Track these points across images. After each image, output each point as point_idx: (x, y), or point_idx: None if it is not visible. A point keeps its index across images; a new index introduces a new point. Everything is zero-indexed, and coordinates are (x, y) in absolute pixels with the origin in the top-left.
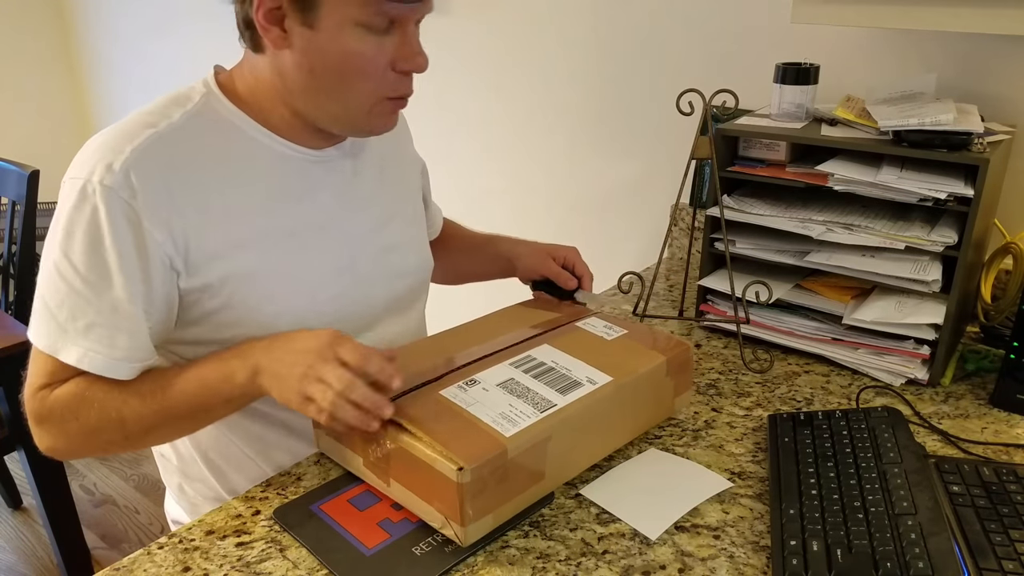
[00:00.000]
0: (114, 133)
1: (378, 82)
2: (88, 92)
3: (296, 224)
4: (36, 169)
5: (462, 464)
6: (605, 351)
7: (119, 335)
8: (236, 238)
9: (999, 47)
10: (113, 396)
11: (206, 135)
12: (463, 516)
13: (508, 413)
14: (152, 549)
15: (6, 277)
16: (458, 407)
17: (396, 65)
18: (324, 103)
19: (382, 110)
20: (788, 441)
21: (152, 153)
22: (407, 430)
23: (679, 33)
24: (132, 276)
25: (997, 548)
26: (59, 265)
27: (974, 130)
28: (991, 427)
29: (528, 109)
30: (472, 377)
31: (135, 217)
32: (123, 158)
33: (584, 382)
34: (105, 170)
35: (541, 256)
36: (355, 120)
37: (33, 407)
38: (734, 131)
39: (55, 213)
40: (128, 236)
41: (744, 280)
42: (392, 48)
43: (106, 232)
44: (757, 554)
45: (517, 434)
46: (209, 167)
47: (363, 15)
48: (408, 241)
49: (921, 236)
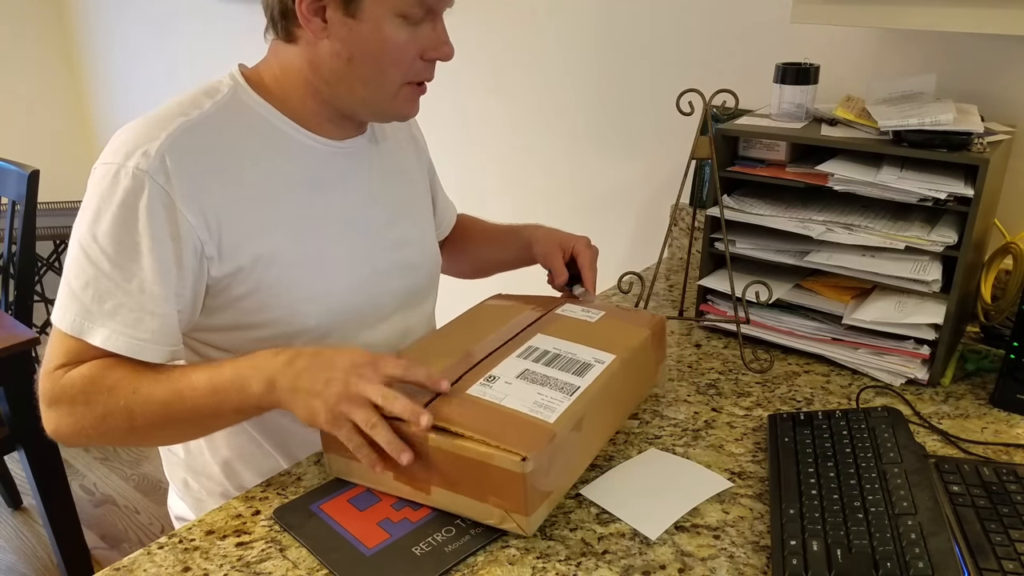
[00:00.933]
0: (147, 121)
1: (407, 69)
2: (88, 92)
3: (319, 213)
4: (36, 169)
5: (524, 454)
6: (594, 332)
7: (146, 317)
8: (266, 222)
9: (999, 47)
10: (125, 385)
11: (236, 124)
12: (528, 506)
13: (541, 401)
14: (152, 549)
15: (6, 277)
16: (492, 403)
17: (425, 54)
18: (357, 89)
19: (407, 96)
20: (788, 441)
21: (186, 139)
22: (453, 433)
23: (679, 33)
24: (164, 259)
25: (997, 548)
26: (87, 247)
27: (974, 130)
28: (991, 427)
29: (528, 109)
30: (489, 373)
31: (170, 201)
32: (158, 143)
33: (593, 363)
34: (141, 155)
35: (551, 245)
36: (382, 104)
37: (46, 387)
38: (734, 131)
39: (85, 199)
40: (162, 220)
41: (744, 280)
42: (423, 37)
43: (140, 215)
44: (757, 554)
45: (559, 419)
46: (239, 154)
47: (404, 5)
48: (420, 237)
49: (921, 236)
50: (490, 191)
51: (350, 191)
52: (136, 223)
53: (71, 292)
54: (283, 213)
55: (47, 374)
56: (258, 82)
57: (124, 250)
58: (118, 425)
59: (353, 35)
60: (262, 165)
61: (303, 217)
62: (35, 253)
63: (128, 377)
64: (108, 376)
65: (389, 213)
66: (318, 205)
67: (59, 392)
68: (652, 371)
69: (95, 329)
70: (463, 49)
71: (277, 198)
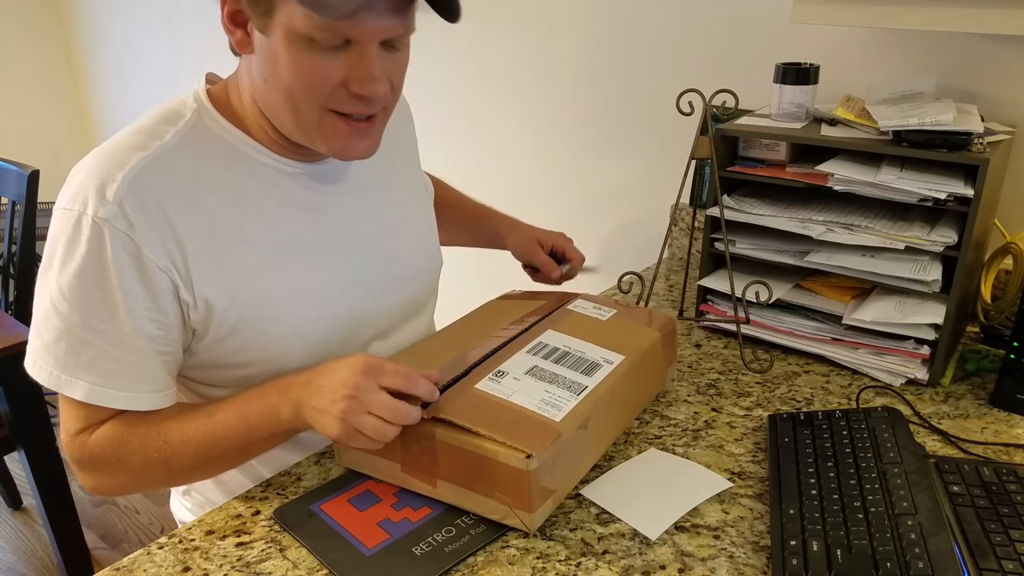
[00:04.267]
0: (104, 157)
1: (324, 97)
2: (88, 92)
3: (301, 241)
4: (36, 169)
5: (530, 452)
6: (605, 331)
7: (127, 367)
8: (238, 261)
9: (999, 47)
10: (152, 438)
11: (200, 155)
12: (532, 503)
13: (548, 399)
14: (152, 549)
15: (6, 277)
16: (499, 399)
17: (349, 86)
18: (278, 114)
19: (333, 128)
20: (788, 441)
21: (145, 179)
22: (460, 427)
23: (679, 33)
24: (135, 309)
25: (997, 548)
26: (55, 301)
27: (974, 130)
28: (991, 427)
29: (528, 108)
30: (498, 369)
31: (135, 248)
32: (115, 187)
33: (602, 362)
34: (99, 201)
35: (529, 242)
36: (308, 135)
37: (73, 453)
38: (734, 131)
39: (48, 242)
40: (130, 268)
41: (744, 280)
42: (346, 66)
43: (107, 265)
44: (757, 554)
45: (565, 418)
46: (206, 189)
47: (308, 28)
48: (416, 247)
49: (921, 236)
50: (489, 190)
51: (333, 212)
52: (104, 275)
53: (44, 345)
54: (256, 249)
55: (69, 441)
56: (224, 102)
57: (94, 304)
58: (156, 476)
59: (267, 53)
60: (232, 200)
61: (281, 249)
62: (35, 253)
63: (155, 429)
64: (135, 433)
65: (379, 228)
66: (298, 233)
67: (88, 458)
68: (661, 373)
69: (74, 383)
70: (463, 49)
71: (251, 235)
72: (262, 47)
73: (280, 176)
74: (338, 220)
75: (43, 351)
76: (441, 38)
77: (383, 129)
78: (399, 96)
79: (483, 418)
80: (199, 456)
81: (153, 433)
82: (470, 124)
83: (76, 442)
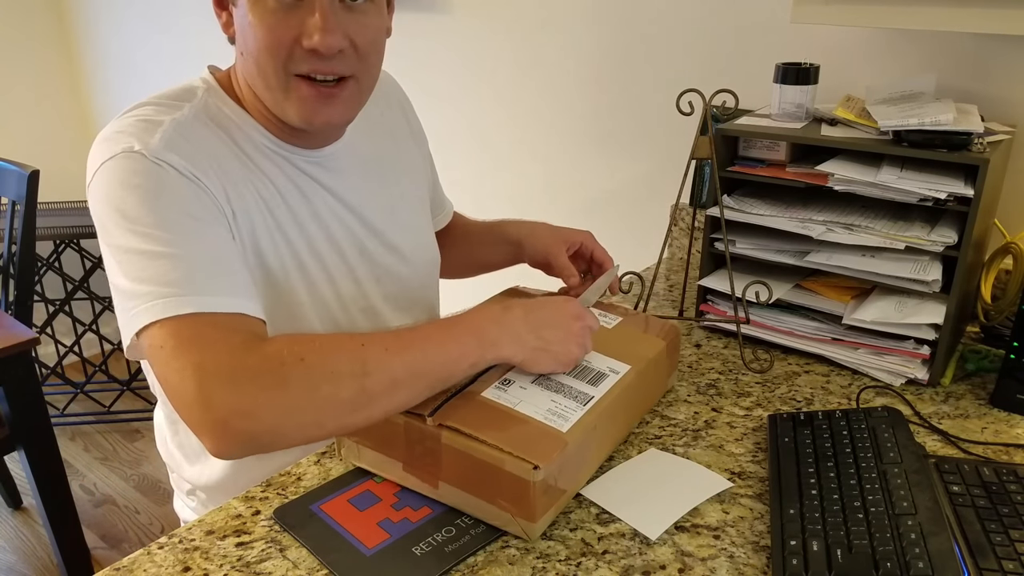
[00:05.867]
0: (130, 122)
1: (284, 58)
2: (88, 92)
3: (302, 219)
4: (36, 169)
5: (537, 463)
6: (611, 340)
7: (225, 275)
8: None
9: (999, 47)
10: (346, 341)
11: (214, 130)
12: (535, 513)
13: (555, 409)
14: (152, 549)
15: (6, 277)
16: (506, 407)
17: (302, 41)
18: (256, 86)
19: (299, 94)
20: (788, 441)
21: (181, 133)
22: (466, 434)
23: (679, 33)
24: (212, 221)
25: (997, 548)
26: (126, 245)
27: (974, 130)
28: (991, 427)
29: (528, 108)
30: (505, 377)
31: (191, 174)
32: (158, 135)
33: (608, 372)
34: (143, 145)
35: (554, 242)
36: (280, 104)
37: (237, 362)
38: (734, 131)
39: (99, 205)
40: (194, 190)
41: (744, 280)
42: (300, 23)
43: (169, 187)
44: (757, 554)
45: (571, 428)
46: (224, 156)
47: None
48: (412, 238)
49: (921, 236)
50: (489, 190)
51: (330, 200)
52: (172, 194)
53: (135, 293)
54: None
55: (232, 351)
56: (227, 86)
57: (171, 221)
58: (345, 389)
59: (241, 26)
60: (246, 167)
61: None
62: (35, 253)
63: (342, 336)
64: (315, 339)
65: (375, 218)
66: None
67: (257, 362)
68: (664, 380)
69: (182, 300)
70: (463, 48)
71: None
72: (237, 22)
73: (281, 159)
74: (333, 207)
75: (136, 298)
76: (439, 37)
77: (356, 100)
78: (372, 66)
79: (489, 427)
80: (405, 368)
81: (346, 338)
82: (468, 124)
83: (241, 349)
